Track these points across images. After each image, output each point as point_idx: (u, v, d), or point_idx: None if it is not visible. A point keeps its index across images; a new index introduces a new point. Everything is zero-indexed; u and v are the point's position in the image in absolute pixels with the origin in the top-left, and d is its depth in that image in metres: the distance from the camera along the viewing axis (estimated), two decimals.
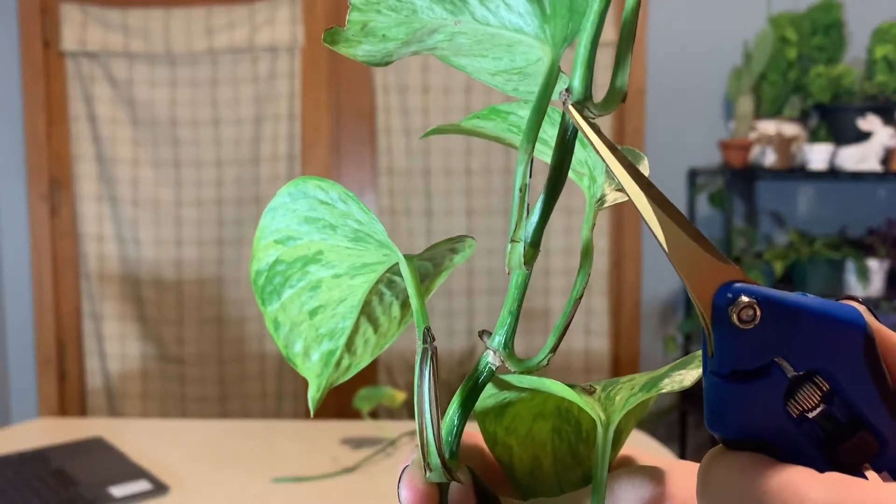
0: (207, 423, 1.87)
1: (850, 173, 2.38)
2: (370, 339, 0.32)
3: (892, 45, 2.38)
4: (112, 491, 1.35)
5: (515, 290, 0.30)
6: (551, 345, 0.30)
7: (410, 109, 2.60)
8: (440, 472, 0.28)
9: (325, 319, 0.32)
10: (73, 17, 2.60)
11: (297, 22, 2.59)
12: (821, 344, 0.24)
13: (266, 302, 0.32)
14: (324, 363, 0.32)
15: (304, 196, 0.31)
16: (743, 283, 0.25)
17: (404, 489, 0.29)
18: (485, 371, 0.30)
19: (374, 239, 0.31)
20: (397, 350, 2.66)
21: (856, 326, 0.24)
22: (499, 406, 0.32)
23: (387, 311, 0.33)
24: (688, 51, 2.51)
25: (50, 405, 2.72)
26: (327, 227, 0.31)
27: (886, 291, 2.44)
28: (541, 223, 0.29)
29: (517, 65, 0.30)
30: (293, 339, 0.32)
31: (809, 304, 0.25)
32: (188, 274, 2.68)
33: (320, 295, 0.32)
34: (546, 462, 0.33)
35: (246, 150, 2.64)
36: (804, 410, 0.25)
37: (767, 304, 0.25)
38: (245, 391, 2.70)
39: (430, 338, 0.29)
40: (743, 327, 0.24)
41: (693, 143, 2.57)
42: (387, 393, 1.62)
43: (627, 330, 2.66)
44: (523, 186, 0.28)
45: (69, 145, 2.66)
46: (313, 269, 0.32)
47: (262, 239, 0.32)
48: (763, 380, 0.25)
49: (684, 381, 0.29)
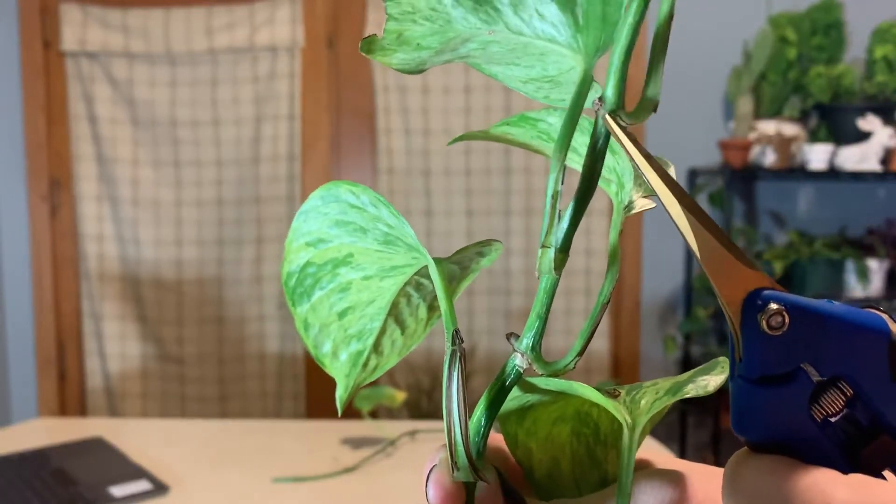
0: (207, 423, 1.87)
1: (850, 173, 2.38)
2: (397, 341, 0.33)
3: (892, 45, 2.38)
4: (112, 491, 1.35)
5: (544, 295, 0.30)
6: (578, 348, 0.31)
7: (410, 109, 2.60)
8: (467, 471, 0.29)
9: (353, 320, 0.32)
10: (73, 17, 2.60)
11: (297, 22, 2.59)
12: (847, 350, 0.25)
13: (296, 303, 0.32)
14: (352, 363, 0.33)
15: (335, 200, 0.32)
16: (772, 291, 0.26)
17: (432, 488, 0.29)
18: (512, 373, 0.31)
19: (404, 242, 0.32)
20: None
21: (881, 334, 0.25)
22: (520, 409, 0.33)
23: (414, 312, 0.33)
24: (688, 51, 2.51)
25: (50, 405, 2.72)
26: (358, 231, 0.32)
27: (886, 291, 2.44)
28: (570, 229, 0.29)
29: (549, 73, 0.31)
30: (322, 339, 0.32)
31: (836, 312, 0.25)
32: (188, 274, 2.68)
33: (350, 296, 0.33)
34: (564, 464, 0.33)
35: (246, 150, 2.64)
36: (828, 415, 0.25)
37: (796, 312, 0.25)
38: (245, 391, 2.70)
39: (459, 339, 0.29)
40: (772, 334, 0.25)
41: (693, 143, 2.57)
42: (387, 393, 1.62)
43: (627, 330, 2.66)
44: (555, 193, 0.28)
45: (69, 145, 2.66)
46: (343, 272, 0.32)
47: (294, 241, 0.32)
48: (790, 385, 0.25)
49: (708, 387, 0.30)
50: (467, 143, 2.62)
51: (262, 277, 2.68)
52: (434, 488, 0.29)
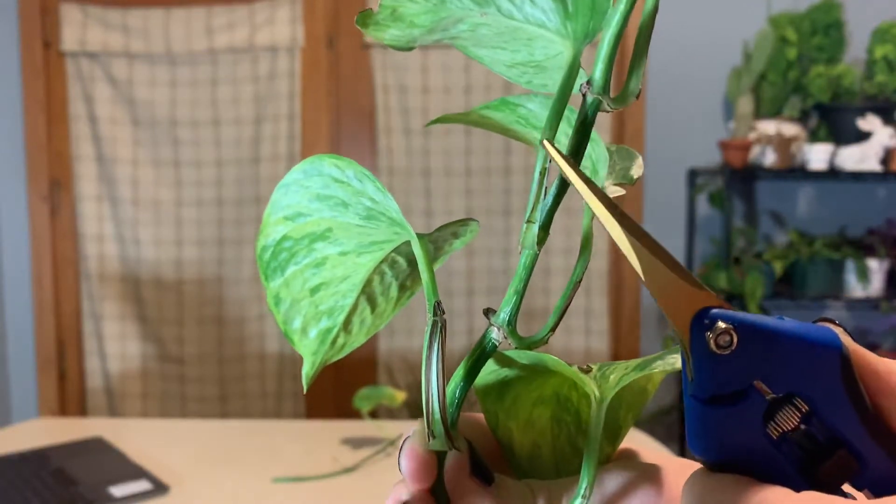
0: (207, 423, 1.87)
1: (850, 173, 2.38)
2: (366, 319, 0.33)
3: (891, 45, 2.38)
4: (112, 491, 1.35)
5: (523, 271, 0.31)
6: (551, 324, 0.31)
7: (410, 109, 2.60)
8: (443, 440, 0.29)
9: (326, 297, 0.32)
10: (74, 18, 2.60)
11: (297, 22, 2.59)
12: (798, 367, 0.25)
13: (269, 278, 0.32)
14: (320, 340, 0.32)
15: (318, 174, 0.32)
16: (720, 310, 0.25)
17: (405, 458, 0.29)
18: (488, 345, 0.31)
19: (387, 217, 0.32)
20: (397, 350, 2.66)
21: (832, 349, 0.25)
22: (499, 384, 0.33)
23: (385, 291, 0.33)
24: (688, 51, 2.51)
25: (50, 405, 2.72)
26: (339, 205, 0.32)
27: (886, 291, 2.44)
28: (552, 208, 0.30)
29: (535, 58, 0.32)
30: (293, 315, 0.32)
31: (786, 329, 0.25)
32: (188, 274, 2.68)
33: (324, 272, 0.32)
34: (545, 450, 0.33)
35: (246, 150, 2.64)
36: (784, 432, 0.25)
37: (744, 330, 0.25)
38: (245, 391, 2.70)
39: (441, 311, 0.30)
40: (720, 353, 0.25)
41: (693, 143, 2.57)
42: (387, 393, 1.62)
43: (627, 330, 2.66)
44: (543, 170, 0.29)
45: (69, 145, 2.66)
46: (320, 247, 0.32)
47: (272, 215, 0.32)
48: (742, 403, 0.25)
49: (676, 364, 0.30)
50: (467, 143, 2.62)
51: None
52: (407, 457, 0.29)
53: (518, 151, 2.61)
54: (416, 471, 0.29)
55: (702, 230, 2.61)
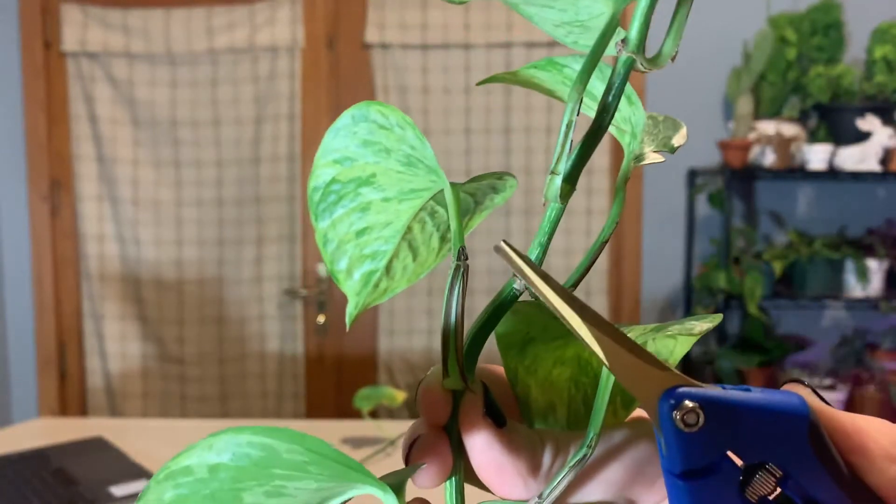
0: (208, 423, 1.87)
1: (850, 173, 2.38)
2: (408, 266, 0.34)
3: (891, 45, 2.38)
4: (112, 490, 1.35)
5: (547, 224, 0.31)
6: (573, 281, 0.32)
7: (410, 109, 2.61)
8: (457, 378, 0.30)
9: (370, 241, 0.33)
10: (74, 18, 2.60)
11: (298, 22, 2.59)
12: (766, 438, 0.25)
13: (318, 218, 0.33)
14: (364, 282, 0.33)
15: (364, 119, 0.32)
16: (685, 388, 0.26)
17: (422, 394, 0.30)
18: (509, 296, 0.32)
19: (424, 164, 0.33)
20: (398, 350, 2.66)
21: (798, 416, 0.25)
22: (521, 341, 0.34)
23: (427, 241, 0.34)
24: (687, 51, 2.51)
25: (50, 405, 2.72)
26: (382, 151, 0.33)
27: (886, 291, 2.44)
28: (579, 162, 0.30)
29: (580, 18, 0.32)
30: (339, 256, 0.33)
31: (750, 401, 0.26)
32: (189, 274, 2.68)
33: (368, 217, 0.33)
34: (560, 409, 0.34)
35: (246, 151, 2.65)
36: (763, 496, 0.26)
37: (710, 406, 0.26)
38: (245, 391, 2.70)
39: (465, 256, 0.31)
40: (688, 430, 0.26)
41: (692, 143, 2.56)
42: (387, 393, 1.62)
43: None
44: (570, 123, 0.29)
45: (70, 145, 2.67)
46: (365, 192, 0.33)
47: (322, 157, 0.33)
48: (717, 474, 0.26)
49: (693, 330, 0.30)
50: (467, 143, 2.62)
51: (263, 277, 2.68)
52: (423, 394, 0.30)
53: (518, 151, 2.61)
54: (430, 406, 0.30)
55: (701, 230, 2.62)
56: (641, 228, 2.63)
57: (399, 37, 2.57)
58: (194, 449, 0.26)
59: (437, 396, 0.30)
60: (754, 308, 2.30)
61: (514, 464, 0.29)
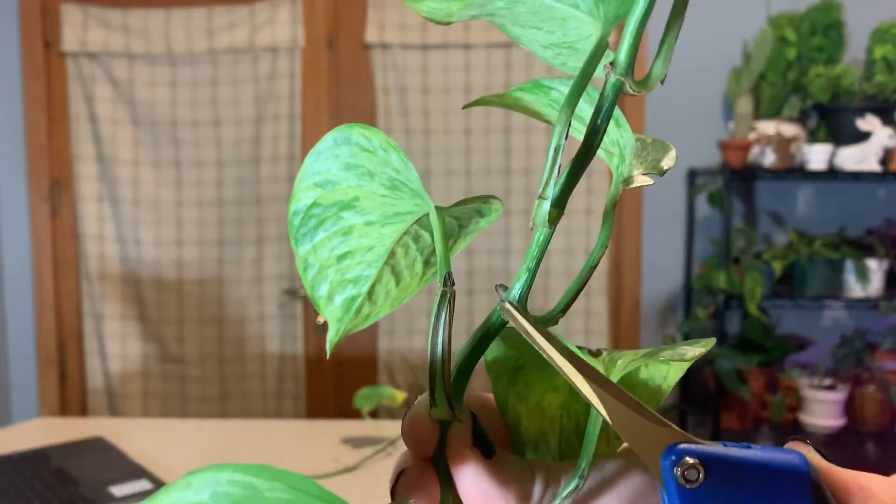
0: (208, 423, 1.87)
1: (850, 173, 2.38)
2: (391, 291, 0.33)
3: (891, 45, 2.38)
4: (112, 491, 1.35)
5: (536, 248, 0.31)
6: (563, 304, 0.32)
7: (410, 110, 2.61)
8: (445, 408, 0.29)
9: (351, 265, 0.33)
10: (74, 18, 2.60)
11: (298, 22, 2.59)
12: (767, 496, 0.26)
13: (299, 242, 0.33)
14: (345, 308, 0.33)
15: (347, 142, 0.32)
16: (687, 445, 0.26)
17: (407, 424, 0.30)
18: (497, 322, 0.32)
19: (409, 188, 0.32)
20: (398, 350, 2.67)
21: (799, 474, 0.26)
22: (512, 368, 0.33)
23: (410, 265, 0.34)
24: (687, 51, 2.51)
25: (50, 405, 2.72)
26: (366, 174, 0.32)
27: (885, 291, 2.44)
28: (565, 186, 0.30)
29: (568, 39, 0.32)
30: (319, 281, 0.33)
31: (751, 459, 0.26)
32: (189, 274, 2.68)
33: (350, 241, 0.33)
34: (552, 438, 0.33)
35: (246, 151, 2.65)
36: None
37: (711, 463, 0.26)
38: (245, 391, 2.70)
39: (451, 282, 0.31)
40: (689, 486, 0.26)
41: (692, 143, 2.58)
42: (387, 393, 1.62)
43: (627, 330, 2.66)
44: (558, 146, 0.29)
45: (70, 146, 2.67)
46: (347, 216, 0.33)
47: (303, 180, 0.33)
48: None
49: (686, 355, 0.30)
50: (467, 143, 2.62)
51: (263, 277, 2.68)
52: (410, 426, 0.30)
53: (518, 151, 2.61)
54: (416, 439, 0.30)
55: (701, 230, 2.62)
56: (641, 228, 2.63)
57: (399, 37, 2.57)
58: (172, 488, 0.25)
59: (423, 429, 0.30)
60: (754, 308, 2.30)
61: (503, 496, 0.29)
